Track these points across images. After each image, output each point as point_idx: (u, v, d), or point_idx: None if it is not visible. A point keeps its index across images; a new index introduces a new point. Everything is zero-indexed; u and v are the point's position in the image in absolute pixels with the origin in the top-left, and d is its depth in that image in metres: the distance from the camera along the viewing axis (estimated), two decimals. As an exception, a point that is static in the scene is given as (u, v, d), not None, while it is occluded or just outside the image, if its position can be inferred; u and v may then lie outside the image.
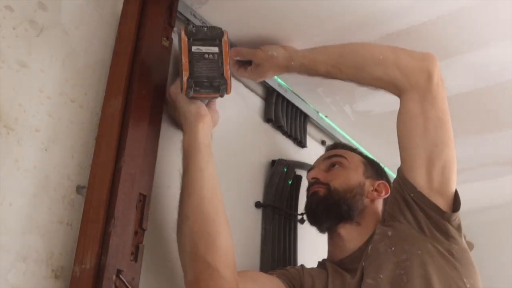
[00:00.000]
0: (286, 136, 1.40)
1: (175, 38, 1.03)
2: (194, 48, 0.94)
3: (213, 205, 0.90)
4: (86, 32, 0.91)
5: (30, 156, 0.78)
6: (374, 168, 1.21)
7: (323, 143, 1.57)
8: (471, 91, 1.37)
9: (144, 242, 0.85)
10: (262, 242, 1.20)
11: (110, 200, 0.82)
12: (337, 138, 1.60)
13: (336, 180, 1.15)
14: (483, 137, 1.60)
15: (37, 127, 0.80)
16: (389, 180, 1.20)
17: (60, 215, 0.80)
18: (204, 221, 0.88)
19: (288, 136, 1.40)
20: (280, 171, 1.28)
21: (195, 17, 1.11)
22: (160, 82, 0.99)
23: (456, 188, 1.00)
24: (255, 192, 1.24)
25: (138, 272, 0.83)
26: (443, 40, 1.19)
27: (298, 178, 1.35)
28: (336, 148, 1.28)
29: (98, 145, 0.87)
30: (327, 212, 1.13)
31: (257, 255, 1.19)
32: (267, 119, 1.33)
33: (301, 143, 1.43)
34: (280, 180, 1.27)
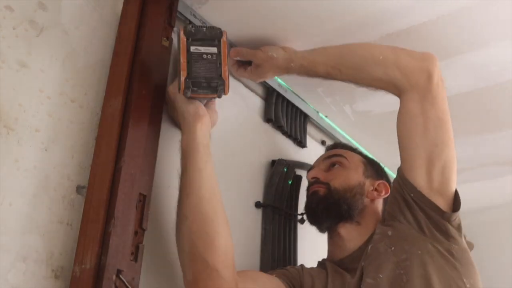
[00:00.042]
0: (286, 136, 1.40)
1: (175, 38, 1.03)
2: (193, 48, 0.94)
3: (211, 205, 0.90)
4: (86, 32, 0.91)
5: (30, 156, 0.78)
6: (374, 168, 1.21)
7: (323, 143, 1.56)
8: (471, 91, 1.37)
9: (144, 242, 0.85)
10: (262, 242, 1.20)
11: (110, 200, 0.82)
12: (337, 138, 1.59)
13: (336, 180, 1.15)
14: (483, 137, 1.60)
15: (37, 127, 0.80)
16: (389, 180, 1.20)
17: (60, 215, 0.80)
18: (203, 221, 0.88)
19: (288, 136, 1.40)
20: (280, 171, 1.28)
21: (195, 17, 1.11)
22: (160, 82, 0.99)
23: (456, 188, 1.00)
24: (255, 192, 1.24)
25: (138, 272, 0.83)
26: (443, 40, 1.19)
27: (298, 178, 1.35)
28: (336, 148, 1.28)
29: (98, 145, 0.87)
30: (327, 211, 1.13)
31: (257, 255, 1.19)
32: (267, 119, 1.33)
33: (301, 143, 1.43)
34: (280, 180, 1.27)
